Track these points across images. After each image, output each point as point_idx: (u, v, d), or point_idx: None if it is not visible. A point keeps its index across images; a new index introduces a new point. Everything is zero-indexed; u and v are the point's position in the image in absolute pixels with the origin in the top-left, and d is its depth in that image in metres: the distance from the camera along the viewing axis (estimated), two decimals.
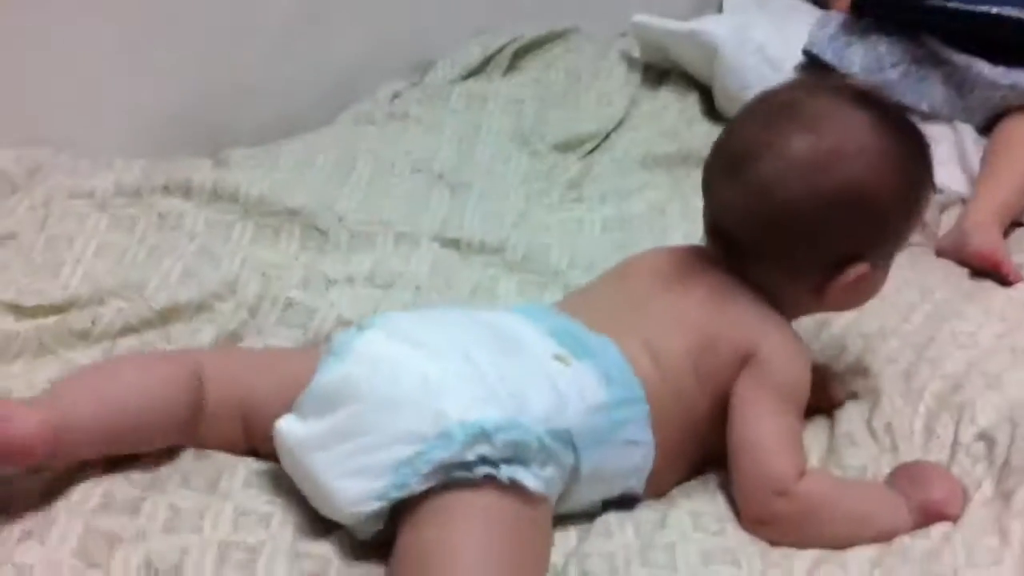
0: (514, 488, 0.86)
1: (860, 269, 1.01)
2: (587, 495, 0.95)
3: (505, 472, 0.86)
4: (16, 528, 0.86)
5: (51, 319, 1.07)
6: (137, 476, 0.92)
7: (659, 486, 1.00)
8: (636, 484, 0.98)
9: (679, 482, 1.03)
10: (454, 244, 1.31)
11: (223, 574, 0.84)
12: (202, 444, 0.96)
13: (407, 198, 1.36)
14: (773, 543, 0.95)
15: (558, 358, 0.95)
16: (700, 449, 1.02)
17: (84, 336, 1.07)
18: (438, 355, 0.91)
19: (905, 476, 1.01)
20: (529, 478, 0.87)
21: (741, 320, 1.01)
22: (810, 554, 0.94)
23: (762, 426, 0.97)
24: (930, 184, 1.06)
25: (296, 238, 1.26)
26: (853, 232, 1.00)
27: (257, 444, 0.96)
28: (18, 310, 1.08)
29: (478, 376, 0.90)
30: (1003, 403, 1.08)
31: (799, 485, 0.96)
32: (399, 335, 0.93)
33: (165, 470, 0.93)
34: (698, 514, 0.96)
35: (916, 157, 1.02)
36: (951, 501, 0.98)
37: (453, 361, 0.91)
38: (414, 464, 0.85)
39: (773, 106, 1.02)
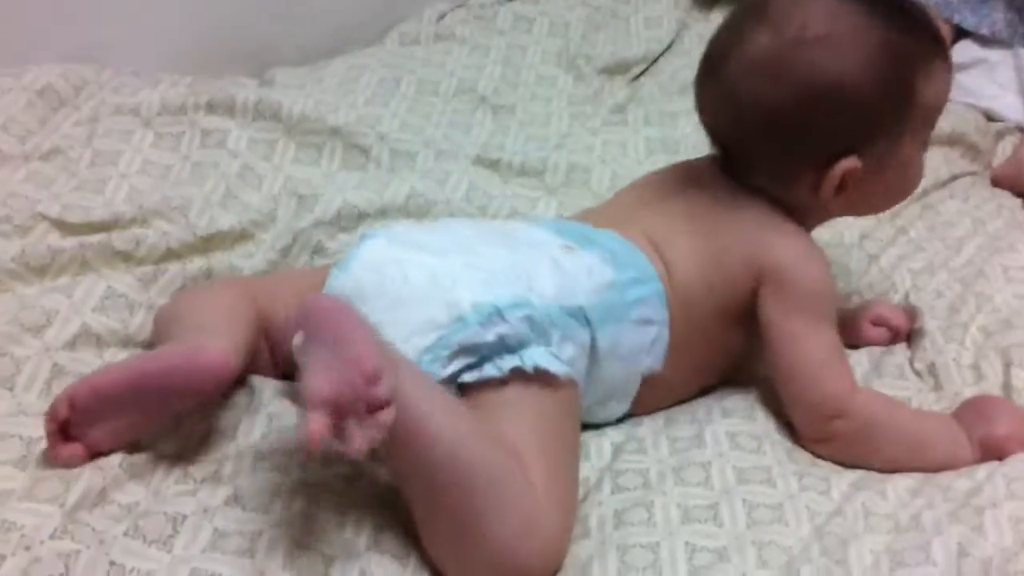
0: (540, 376, 0.87)
1: (847, 164, 0.96)
2: (608, 375, 0.95)
3: (529, 361, 0.87)
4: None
5: (95, 237, 1.07)
6: None
7: (672, 382, 1.00)
8: (654, 362, 0.98)
9: (700, 385, 1.03)
10: (494, 166, 1.30)
11: (258, 476, 0.86)
12: None
13: (450, 119, 1.36)
14: (835, 460, 0.95)
15: (563, 247, 0.96)
16: (711, 350, 1.01)
17: (127, 257, 1.08)
18: (442, 252, 0.92)
19: (971, 410, 1.00)
20: (553, 362, 0.88)
21: (748, 229, 0.99)
22: (848, 478, 0.93)
23: (803, 349, 0.96)
24: (927, 63, 0.96)
25: (338, 156, 1.26)
26: (832, 125, 0.95)
27: (282, 363, 0.97)
28: (63, 226, 1.08)
29: (484, 264, 0.90)
30: None
31: (854, 402, 0.95)
32: (401, 240, 0.94)
33: None
34: (735, 433, 0.96)
35: (899, 35, 0.95)
36: (1014, 437, 0.97)
37: (458, 255, 0.91)
38: (434, 351, 0.86)
39: (745, 7, 1.00)
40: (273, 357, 0.97)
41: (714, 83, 0.99)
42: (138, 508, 0.83)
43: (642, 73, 1.55)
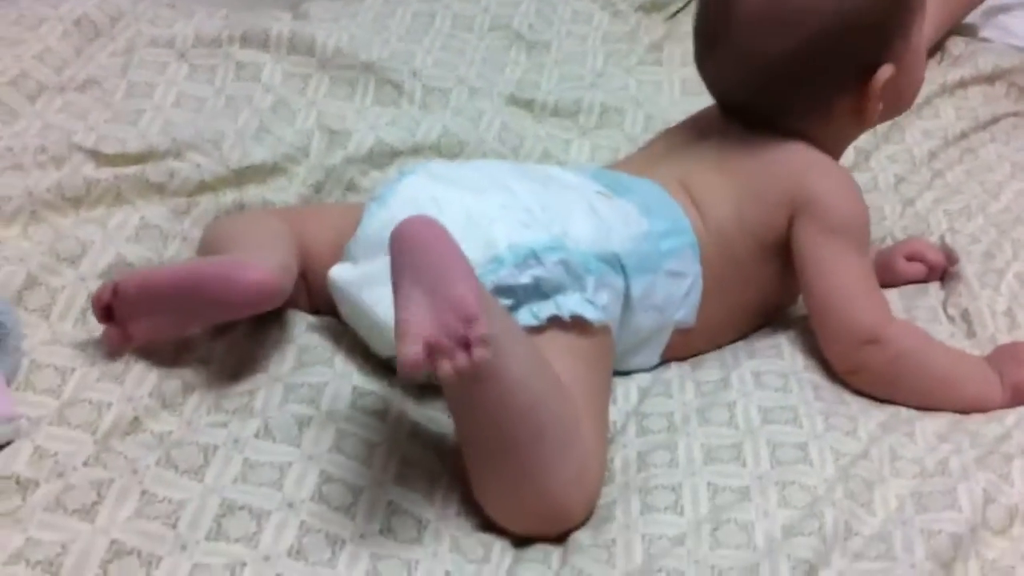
0: (576, 322, 0.88)
1: (885, 74, 0.98)
2: (641, 324, 0.96)
3: (565, 308, 0.87)
4: (96, 370, 0.89)
5: (130, 169, 1.08)
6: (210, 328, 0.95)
7: (716, 331, 1.01)
8: (686, 315, 0.98)
9: (736, 330, 1.03)
10: (528, 106, 1.30)
11: (288, 408, 0.87)
12: None
13: (484, 56, 1.35)
14: (867, 392, 0.95)
15: (600, 194, 0.96)
16: (747, 290, 1.02)
17: (161, 189, 1.09)
18: (479, 190, 0.92)
19: (1006, 354, 1.00)
20: (588, 309, 0.88)
21: (780, 163, 1.00)
22: (876, 418, 0.93)
23: (837, 276, 0.96)
24: None
25: (371, 92, 1.26)
26: (853, 48, 0.97)
27: (317, 299, 0.98)
28: (98, 157, 1.09)
29: (520, 206, 0.90)
30: None
31: (888, 330, 0.96)
32: (439, 178, 0.94)
33: (233, 325, 0.95)
34: (761, 372, 0.96)
35: None
36: None
37: (495, 194, 0.91)
38: None
39: None
40: (307, 291, 0.98)
41: (719, 54, 1.00)
42: (170, 437, 0.84)
43: (680, 10, 1.53)
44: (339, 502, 0.81)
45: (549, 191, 0.94)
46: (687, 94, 1.36)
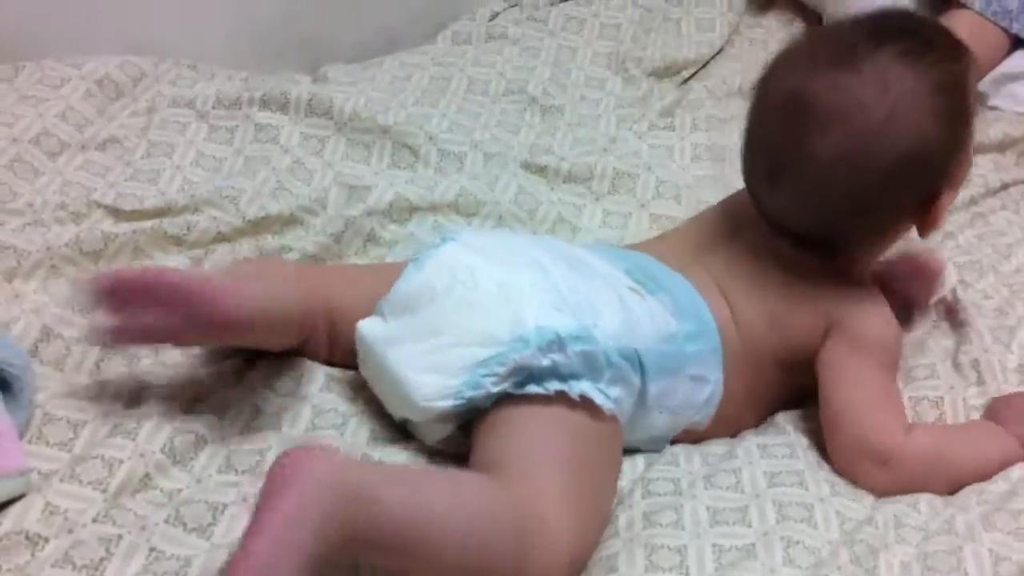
0: (584, 404, 0.88)
1: (947, 201, 0.98)
2: (654, 423, 0.96)
3: (575, 388, 0.87)
4: (108, 423, 0.90)
5: (148, 222, 1.10)
6: (228, 375, 0.96)
7: (728, 427, 1.00)
8: (701, 419, 0.98)
9: (746, 426, 1.02)
10: (541, 171, 1.30)
11: None
12: (291, 351, 0.99)
13: (499, 120, 1.36)
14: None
15: (631, 290, 0.96)
16: (769, 394, 1.01)
17: (178, 242, 1.10)
18: (514, 266, 0.93)
19: (1009, 408, 1.00)
20: (598, 395, 0.88)
21: (823, 285, 1.00)
22: None
23: (857, 389, 0.95)
24: (968, 75, 0.98)
25: (387, 155, 1.27)
26: (925, 181, 0.97)
27: (338, 353, 0.99)
28: (117, 213, 1.11)
29: (551, 287, 0.91)
30: None
31: (902, 450, 0.94)
32: (477, 248, 0.96)
33: (251, 373, 0.97)
34: (767, 444, 0.96)
35: (942, 71, 0.95)
36: None
37: (528, 272, 0.92)
38: (489, 366, 0.87)
39: (784, 103, 0.97)
40: (328, 344, 0.99)
41: (783, 186, 0.98)
42: (180, 495, 0.85)
43: (692, 76, 1.55)
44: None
45: (580, 275, 0.94)
46: (698, 159, 1.37)
